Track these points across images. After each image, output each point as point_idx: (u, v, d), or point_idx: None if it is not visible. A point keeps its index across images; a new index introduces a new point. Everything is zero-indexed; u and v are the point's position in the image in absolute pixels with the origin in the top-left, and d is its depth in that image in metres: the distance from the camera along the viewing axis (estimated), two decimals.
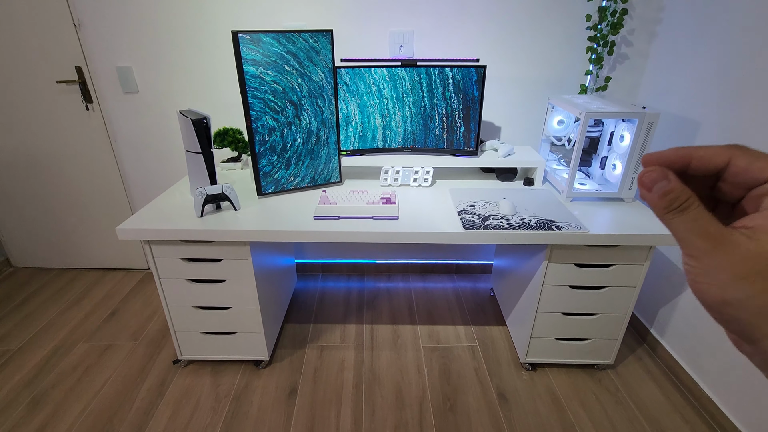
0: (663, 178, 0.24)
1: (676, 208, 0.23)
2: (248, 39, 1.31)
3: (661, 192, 0.24)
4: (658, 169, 0.24)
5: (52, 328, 1.86)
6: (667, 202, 0.23)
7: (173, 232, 1.33)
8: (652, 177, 0.24)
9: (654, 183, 0.24)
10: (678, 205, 0.23)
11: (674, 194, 0.23)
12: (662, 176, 0.24)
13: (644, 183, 0.24)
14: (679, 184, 0.23)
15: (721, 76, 1.41)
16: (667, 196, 0.23)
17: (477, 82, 1.54)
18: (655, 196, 0.24)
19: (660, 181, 0.24)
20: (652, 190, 0.24)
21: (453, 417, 1.45)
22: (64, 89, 1.86)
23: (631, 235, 1.31)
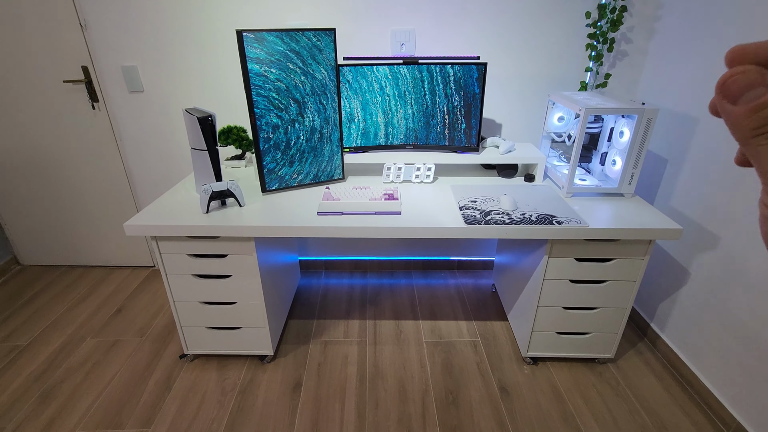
0: (759, 84, 0.17)
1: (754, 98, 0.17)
2: (252, 38, 1.33)
3: (754, 104, 0.17)
4: (754, 70, 0.17)
5: (60, 325, 1.89)
6: (759, 120, 0.17)
7: (179, 227, 1.36)
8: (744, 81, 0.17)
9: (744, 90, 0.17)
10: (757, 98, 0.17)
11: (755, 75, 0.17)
12: (758, 81, 0.17)
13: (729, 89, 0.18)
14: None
15: (720, 73, 1.43)
16: (761, 111, 0.17)
17: (478, 79, 1.55)
18: (742, 110, 0.17)
19: (755, 88, 0.17)
20: (739, 101, 0.17)
21: (455, 410, 1.47)
22: (71, 89, 1.88)
23: (630, 230, 1.33)
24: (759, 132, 0.17)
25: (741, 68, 0.17)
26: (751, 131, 0.17)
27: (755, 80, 0.17)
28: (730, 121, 0.18)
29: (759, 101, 0.17)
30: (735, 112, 0.17)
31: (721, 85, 0.17)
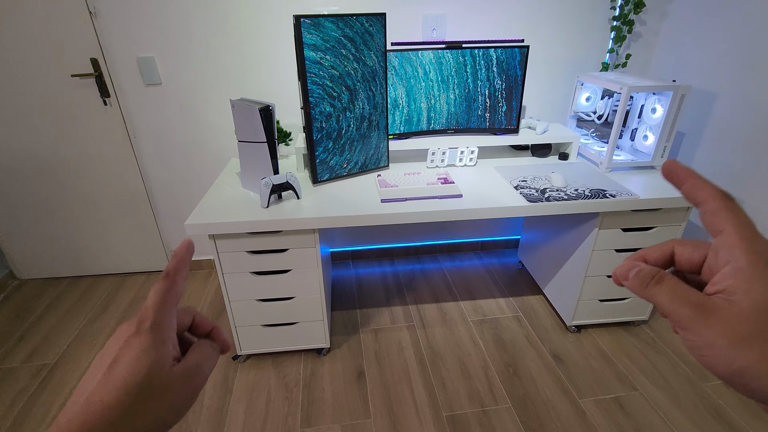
0: (634, 266, 0.26)
1: (650, 281, 0.25)
2: (309, 23, 1.30)
3: (633, 274, 0.26)
4: (626, 262, 0.27)
5: (87, 338, 1.77)
6: (641, 279, 0.25)
7: (242, 224, 1.31)
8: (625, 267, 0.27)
9: (628, 271, 0.26)
10: (650, 278, 0.25)
11: (644, 271, 0.25)
12: (632, 265, 0.26)
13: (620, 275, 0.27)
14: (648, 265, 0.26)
15: (735, 50, 1.56)
16: (639, 274, 0.25)
17: (520, 62, 1.60)
18: (630, 279, 0.26)
19: (632, 269, 0.26)
20: (628, 277, 0.26)
21: (519, 381, 1.54)
22: (79, 83, 1.74)
23: (672, 198, 1.44)
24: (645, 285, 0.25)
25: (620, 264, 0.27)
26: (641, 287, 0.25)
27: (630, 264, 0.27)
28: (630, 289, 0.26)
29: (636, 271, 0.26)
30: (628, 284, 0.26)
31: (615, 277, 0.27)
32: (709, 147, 1.70)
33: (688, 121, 1.78)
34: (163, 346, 0.27)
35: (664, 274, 0.25)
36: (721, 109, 1.64)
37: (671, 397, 1.47)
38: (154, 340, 0.27)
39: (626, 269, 0.26)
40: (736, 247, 0.23)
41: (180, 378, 0.28)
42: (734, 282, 0.22)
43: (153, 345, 0.27)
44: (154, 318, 0.28)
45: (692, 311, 0.23)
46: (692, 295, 0.23)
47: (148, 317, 0.28)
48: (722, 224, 0.24)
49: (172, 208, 2.05)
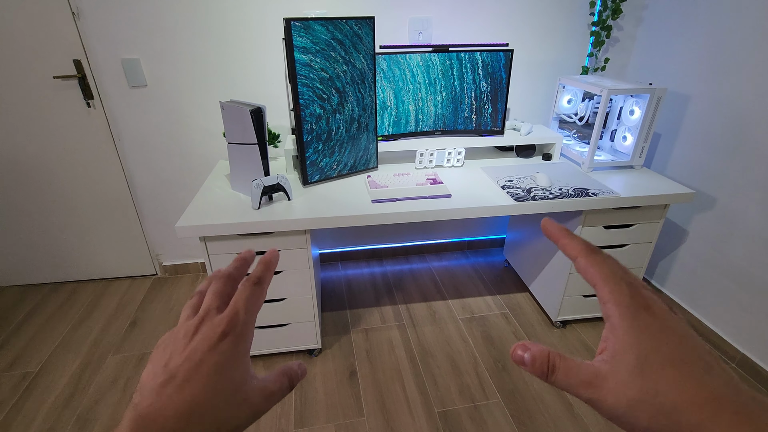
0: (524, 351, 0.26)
1: (547, 371, 0.25)
2: (299, 26, 1.31)
3: (529, 361, 0.25)
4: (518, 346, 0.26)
5: (71, 344, 1.73)
6: (539, 369, 0.25)
7: (234, 226, 1.31)
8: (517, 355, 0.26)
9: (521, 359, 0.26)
10: (547, 368, 0.25)
11: (538, 359, 0.25)
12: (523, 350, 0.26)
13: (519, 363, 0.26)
14: (536, 348, 0.25)
15: (706, 55, 1.64)
16: (536, 362, 0.25)
17: (505, 65, 1.64)
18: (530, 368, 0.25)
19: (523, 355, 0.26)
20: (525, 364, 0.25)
21: (508, 376, 1.58)
22: (61, 85, 1.70)
23: (652, 196, 1.50)
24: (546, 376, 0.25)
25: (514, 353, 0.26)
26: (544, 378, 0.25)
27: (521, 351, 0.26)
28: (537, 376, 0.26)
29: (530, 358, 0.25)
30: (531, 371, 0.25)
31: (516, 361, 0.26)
32: (683, 147, 1.78)
33: (664, 122, 1.86)
34: (245, 358, 0.27)
35: (554, 359, 0.25)
36: (694, 111, 1.72)
37: None
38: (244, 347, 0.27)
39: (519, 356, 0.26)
40: (607, 302, 0.24)
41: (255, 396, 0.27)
42: (612, 340, 0.23)
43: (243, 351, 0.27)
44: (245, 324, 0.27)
45: (588, 391, 0.23)
46: (582, 373, 0.24)
47: (239, 321, 0.27)
48: (593, 279, 0.25)
49: (157, 212, 2.03)
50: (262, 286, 0.30)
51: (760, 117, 1.47)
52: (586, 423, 1.40)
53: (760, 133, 1.48)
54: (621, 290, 0.24)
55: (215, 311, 0.28)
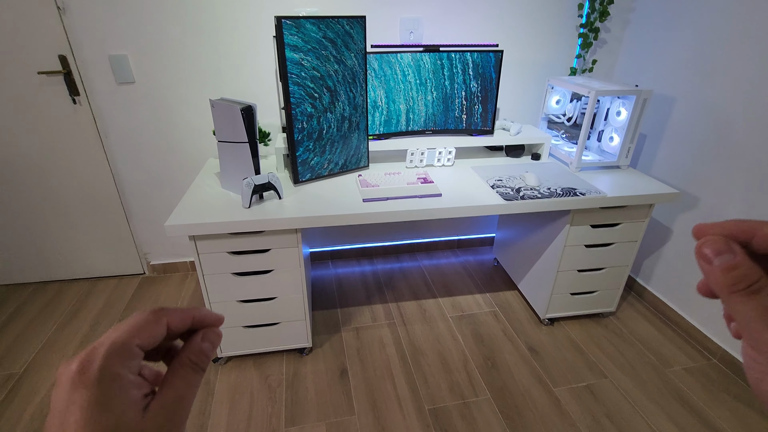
0: (727, 250, 0.21)
1: (744, 288, 0.20)
2: (291, 24, 1.30)
3: (725, 266, 0.21)
4: (721, 239, 0.21)
5: (56, 345, 1.70)
6: (733, 279, 0.21)
7: (224, 224, 1.30)
8: (715, 247, 0.21)
9: (717, 254, 0.21)
10: (747, 285, 0.20)
11: (741, 270, 0.21)
12: (726, 248, 0.21)
13: (704, 254, 0.22)
14: (746, 259, 0.21)
15: (691, 58, 1.67)
16: (733, 272, 0.21)
17: (495, 66, 1.66)
18: (718, 271, 0.21)
19: (724, 254, 0.21)
20: (714, 262, 0.21)
21: (497, 373, 1.60)
22: (46, 81, 1.67)
23: (638, 196, 1.53)
24: (734, 289, 0.20)
25: (711, 237, 0.22)
26: (728, 287, 0.21)
27: (724, 247, 0.21)
28: (710, 279, 0.22)
29: (729, 263, 0.21)
30: (711, 271, 0.21)
31: (698, 249, 0.22)
32: (668, 148, 1.82)
33: (650, 123, 1.90)
34: (121, 396, 0.22)
35: (764, 286, 0.20)
36: (679, 113, 1.76)
37: (638, 383, 1.56)
38: (106, 393, 0.21)
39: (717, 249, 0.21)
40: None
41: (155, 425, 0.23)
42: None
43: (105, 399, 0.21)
44: (104, 363, 0.22)
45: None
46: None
47: (95, 360, 0.22)
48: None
49: (145, 210, 2.00)
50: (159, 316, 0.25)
51: (742, 119, 1.51)
52: (574, 419, 1.42)
53: (741, 135, 1.52)
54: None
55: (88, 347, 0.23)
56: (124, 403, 0.22)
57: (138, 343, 0.24)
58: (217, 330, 0.28)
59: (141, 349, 0.24)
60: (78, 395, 0.21)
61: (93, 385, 0.21)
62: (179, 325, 0.27)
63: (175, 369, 0.26)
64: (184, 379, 0.25)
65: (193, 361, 0.26)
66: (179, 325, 0.27)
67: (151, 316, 0.25)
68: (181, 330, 0.27)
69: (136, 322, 0.25)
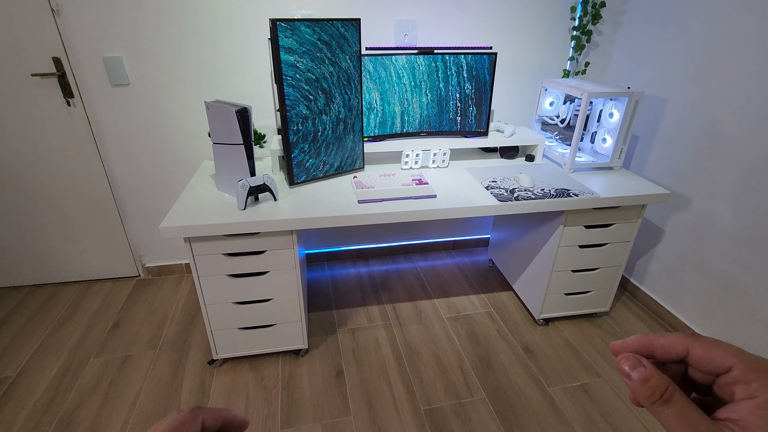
0: (638, 365, 0.24)
1: (659, 398, 0.23)
2: (286, 27, 1.31)
3: (640, 378, 0.24)
4: (631, 356, 0.24)
5: (51, 347, 1.70)
6: (649, 390, 0.23)
7: (220, 226, 1.31)
8: (629, 363, 0.24)
9: (632, 369, 0.24)
10: (660, 395, 0.23)
11: (653, 381, 0.23)
12: (637, 362, 0.24)
13: (623, 371, 0.24)
14: (655, 371, 0.24)
15: (683, 60, 1.70)
16: (647, 383, 0.23)
17: (489, 68, 1.67)
18: (636, 383, 0.24)
19: (636, 368, 0.24)
20: (632, 376, 0.24)
21: (492, 373, 1.61)
22: (40, 83, 1.67)
23: (630, 196, 1.55)
24: (652, 399, 0.23)
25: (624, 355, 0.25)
26: (647, 399, 0.23)
27: (635, 362, 0.24)
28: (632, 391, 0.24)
29: (643, 376, 0.23)
30: (632, 385, 0.24)
31: (618, 366, 0.25)
32: (660, 149, 1.84)
33: (642, 125, 1.92)
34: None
35: (673, 393, 0.23)
36: (670, 114, 1.78)
37: None
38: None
39: (631, 364, 0.24)
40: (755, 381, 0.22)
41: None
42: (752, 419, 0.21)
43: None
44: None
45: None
46: (702, 421, 0.22)
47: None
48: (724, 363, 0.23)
49: (140, 212, 2.00)
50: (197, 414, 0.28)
51: (732, 121, 1.53)
52: (568, 418, 1.43)
53: (731, 136, 1.54)
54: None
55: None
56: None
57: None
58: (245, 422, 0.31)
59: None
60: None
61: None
62: (212, 424, 0.29)
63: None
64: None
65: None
66: (212, 423, 0.29)
67: (189, 414, 0.27)
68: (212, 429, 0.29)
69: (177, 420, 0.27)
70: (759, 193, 1.46)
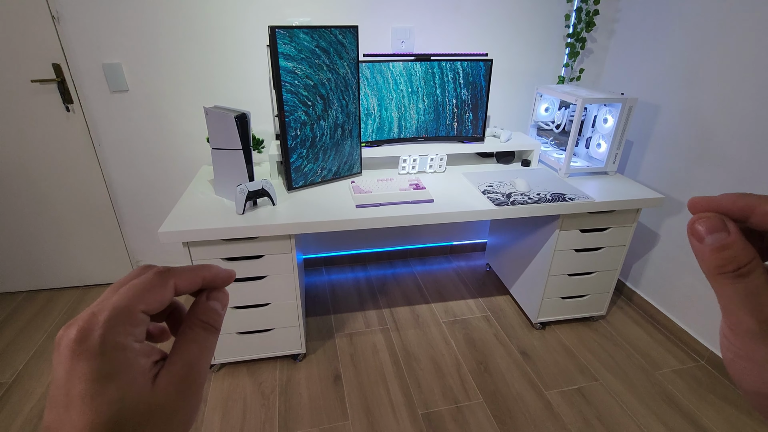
0: (721, 229, 0.20)
1: (733, 270, 0.19)
2: (284, 34, 1.33)
3: (717, 245, 0.20)
4: (715, 217, 0.20)
5: (47, 354, 1.69)
6: (722, 260, 0.19)
7: (218, 231, 1.31)
8: (708, 225, 0.20)
9: (709, 232, 0.20)
10: (735, 267, 0.19)
11: (733, 251, 0.19)
12: (720, 226, 0.20)
13: (696, 231, 0.20)
14: (740, 239, 0.19)
15: (675, 67, 1.73)
16: (724, 252, 0.19)
17: (485, 75, 1.70)
18: (708, 249, 0.20)
19: (717, 232, 0.20)
20: (705, 240, 0.20)
21: (489, 377, 1.62)
22: (39, 89, 1.68)
23: (624, 201, 1.57)
24: (722, 270, 0.19)
25: (705, 214, 0.20)
26: (715, 268, 0.20)
27: (718, 224, 0.20)
28: (698, 258, 0.20)
29: (721, 243, 0.19)
30: (701, 249, 0.20)
31: (691, 225, 0.21)
32: (654, 154, 1.87)
33: (636, 130, 1.94)
34: (127, 366, 0.20)
35: (754, 269, 0.19)
36: (664, 120, 1.81)
37: (628, 385, 1.59)
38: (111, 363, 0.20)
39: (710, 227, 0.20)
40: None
41: (167, 395, 0.21)
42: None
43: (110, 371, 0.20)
44: (105, 331, 0.20)
45: (760, 325, 0.19)
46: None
47: (95, 328, 0.20)
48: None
49: (138, 218, 2.00)
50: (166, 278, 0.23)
51: (724, 126, 1.55)
52: (566, 422, 1.44)
53: (724, 142, 1.56)
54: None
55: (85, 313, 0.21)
56: (131, 374, 0.20)
57: (143, 308, 0.22)
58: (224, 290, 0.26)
59: (146, 314, 0.22)
60: (80, 366, 0.19)
61: (95, 356, 0.19)
62: (188, 288, 0.24)
63: (184, 332, 0.24)
64: (195, 342, 0.23)
65: (204, 321, 0.24)
66: (188, 287, 0.24)
67: (156, 278, 0.23)
68: (189, 292, 0.25)
69: (140, 285, 0.22)
70: None
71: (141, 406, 0.20)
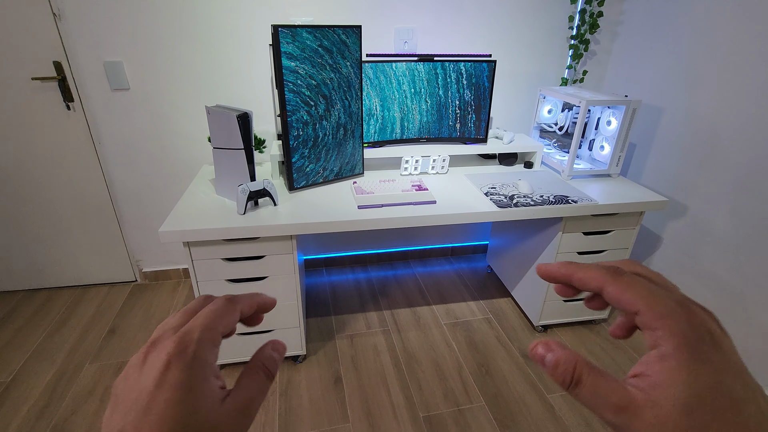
0: (547, 351, 0.23)
1: (570, 381, 0.22)
2: (287, 33, 1.32)
3: (551, 365, 0.23)
4: (541, 343, 0.24)
5: (45, 353, 1.68)
6: (561, 377, 0.23)
7: (219, 231, 1.30)
8: (538, 353, 0.24)
9: (542, 358, 0.24)
10: (570, 378, 0.22)
11: (562, 366, 0.23)
12: (546, 349, 0.24)
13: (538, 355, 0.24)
14: (561, 352, 0.23)
15: (679, 69, 1.72)
16: (557, 368, 0.23)
17: (488, 76, 1.69)
18: (549, 371, 0.23)
19: (545, 355, 0.23)
20: (545, 364, 0.23)
21: (491, 380, 1.60)
22: (40, 87, 1.67)
23: (628, 203, 1.56)
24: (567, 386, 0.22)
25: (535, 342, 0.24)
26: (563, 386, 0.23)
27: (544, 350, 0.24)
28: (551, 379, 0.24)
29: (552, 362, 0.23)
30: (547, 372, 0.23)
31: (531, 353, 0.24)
32: (657, 156, 1.86)
33: (639, 132, 1.94)
34: (206, 382, 0.23)
35: (581, 372, 0.22)
36: (667, 122, 1.80)
37: None
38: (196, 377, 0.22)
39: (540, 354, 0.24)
40: (657, 329, 0.21)
41: (229, 418, 0.24)
42: (659, 370, 0.21)
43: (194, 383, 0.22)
44: (198, 347, 0.23)
45: (614, 416, 0.21)
46: (613, 395, 0.21)
47: (191, 343, 0.23)
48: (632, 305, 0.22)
49: (138, 217, 1.99)
50: (235, 304, 0.26)
51: (728, 129, 1.55)
52: (567, 425, 1.43)
53: (728, 144, 1.55)
54: (674, 315, 0.21)
55: (171, 331, 0.24)
56: (207, 390, 0.23)
57: (222, 330, 0.25)
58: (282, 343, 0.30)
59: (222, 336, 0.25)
60: (172, 375, 0.22)
61: (187, 368, 0.22)
62: (248, 312, 0.28)
63: (249, 372, 0.27)
64: (256, 383, 0.26)
65: (266, 367, 0.27)
66: (248, 312, 0.28)
67: (229, 305, 0.26)
68: (247, 316, 0.28)
69: (217, 310, 0.25)
70: (756, 201, 1.48)
71: (210, 422, 0.22)
